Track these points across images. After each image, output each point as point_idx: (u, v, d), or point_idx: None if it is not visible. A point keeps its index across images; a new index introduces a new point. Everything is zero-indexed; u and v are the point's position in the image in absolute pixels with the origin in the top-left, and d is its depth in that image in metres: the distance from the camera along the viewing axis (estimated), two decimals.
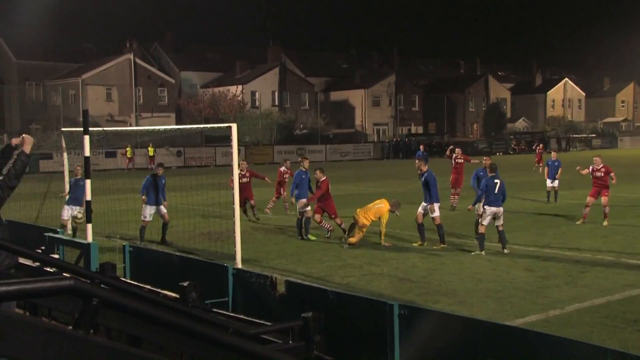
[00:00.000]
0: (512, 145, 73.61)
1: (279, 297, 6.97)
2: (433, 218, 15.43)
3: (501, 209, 14.83)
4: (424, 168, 15.97)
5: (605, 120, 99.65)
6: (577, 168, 20.04)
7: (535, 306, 10.27)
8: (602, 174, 18.89)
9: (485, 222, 14.80)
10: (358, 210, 15.75)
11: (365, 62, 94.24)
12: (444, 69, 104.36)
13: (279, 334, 4.19)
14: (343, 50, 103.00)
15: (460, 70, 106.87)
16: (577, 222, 18.79)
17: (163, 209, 16.78)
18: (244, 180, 19.15)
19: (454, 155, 24.11)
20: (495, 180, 14.90)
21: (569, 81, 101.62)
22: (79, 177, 15.85)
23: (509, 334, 5.34)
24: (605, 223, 18.25)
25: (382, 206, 15.70)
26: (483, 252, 14.45)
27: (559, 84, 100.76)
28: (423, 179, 15.81)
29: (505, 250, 14.54)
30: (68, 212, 16.22)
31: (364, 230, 15.54)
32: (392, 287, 11.73)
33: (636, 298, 10.70)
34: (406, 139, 73.59)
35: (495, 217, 14.77)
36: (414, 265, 13.54)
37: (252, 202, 19.96)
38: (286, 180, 21.45)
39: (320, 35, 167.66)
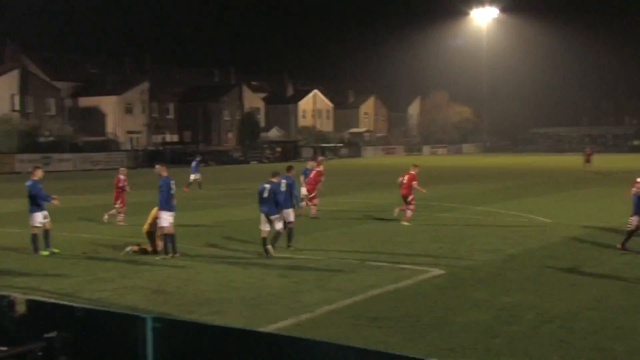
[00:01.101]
0: (267, 154, 75.85)
1: (19, 318, 6.47)
2: (161, 227, 15.36)
3: (272, 215, 15.27)
4: (164, 173, 15.87)
5: (351, 130, 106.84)
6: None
7: (288, 311, 10.69)
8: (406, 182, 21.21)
9: (262, 227, 15.30)
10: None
11: (117, 67, 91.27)
12: (198, 77, 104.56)
13: (18, 358, 3.90)
14: (92, 54, 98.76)
15: (214, 79, 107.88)
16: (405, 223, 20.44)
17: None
18: None
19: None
20: (265, 185, 15.43)
21: (318, 93, 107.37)
22: None
23: (262, 340, 5.50)
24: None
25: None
26: (266, 255, 15.05)
27: (309, 95, 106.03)
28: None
29: (265, 254, 15.06)
30: None
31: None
32: (146, 299, 11.49)
33: (376, 297, 11.62)
34: (161, 147, 72.50)
35: (267, 220, 15.27)
36: (169, 276, 13.39)
37: None
38: (125, 188, 21.47)
39: (66, 36, 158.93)
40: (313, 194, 22.56)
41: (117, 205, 21.32)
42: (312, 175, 22.97)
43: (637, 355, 8.59)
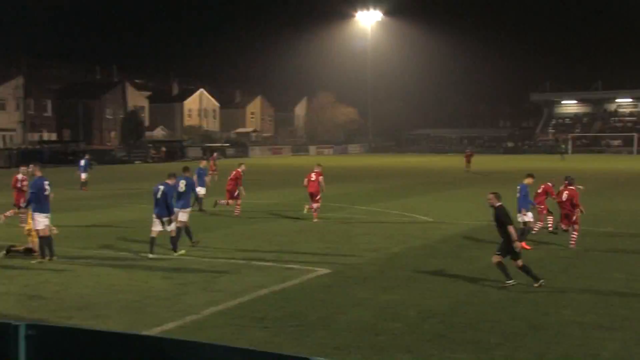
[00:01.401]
0: (151, 154, 74.11)
1: None
2: (36, 230, 14.77)
3: (163, 217, 15.26)
4: (38, 174, 15.27)
5: (238, 130, 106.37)
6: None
7: (173, 313, 10.51)
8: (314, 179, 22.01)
9: (153, 227, 15.33)
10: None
11: None
12: (78, 73, 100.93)
13: None
14: None
15: (96, 76, 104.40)
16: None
17: None
18: None
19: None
20: (160, 186, 15.40)
21: (205, 92, 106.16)
22: None
23: (144, 343, 5.37)
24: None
25: None
26: (150, 255, 14.98)
27: (195, 94, 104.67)
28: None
29: (150, 256, 14.99)
30: None
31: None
32: (20, 306, 10.96)
33: (262, 298, 11.62)
34: (38, 146, 69.37)
35: (159, 222, 15.32)
36: (46, 280, 12.82)
37: None
38: (24, 188, 20.14)
39: None
40: (236, 193, 23.04)
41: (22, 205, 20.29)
42: (232, 175, 23.51)
43: (508, 346, 9.04)
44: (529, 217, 16.56)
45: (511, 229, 12.20)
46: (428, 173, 50.07)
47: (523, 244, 16.49)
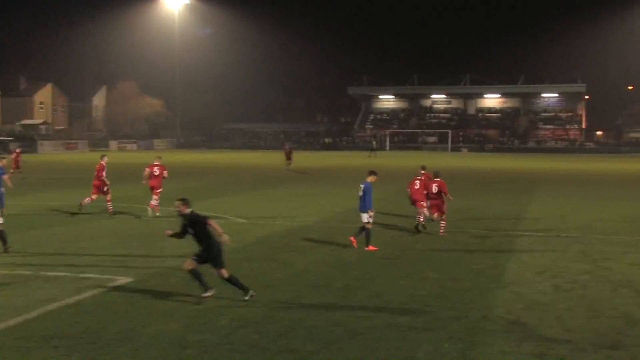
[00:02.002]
0: None
1: None
2: None
3: None
4: None
5: (24, 122, 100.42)
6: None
7: None
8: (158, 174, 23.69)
9: None
10: None
11: None
12: None
13: None
14: None
15: None
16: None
17: None
18: None
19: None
20: None
21: None
22: None
23: None
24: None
25: None
26: None
27: None
28: None
29: None
30: None
31: None
32: None
33: (52, 313, 11.04)
34: None
35: None
36: None
37: None
38: None
39: None
40: (106, 188, 23.39)
41: None
42: (97, 172, 23.54)
43: (326, 353, 9.28)
44: (364, 218, 17.05)
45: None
46: (243, 171, 50.36)
47: (352, 238, 17.15)
